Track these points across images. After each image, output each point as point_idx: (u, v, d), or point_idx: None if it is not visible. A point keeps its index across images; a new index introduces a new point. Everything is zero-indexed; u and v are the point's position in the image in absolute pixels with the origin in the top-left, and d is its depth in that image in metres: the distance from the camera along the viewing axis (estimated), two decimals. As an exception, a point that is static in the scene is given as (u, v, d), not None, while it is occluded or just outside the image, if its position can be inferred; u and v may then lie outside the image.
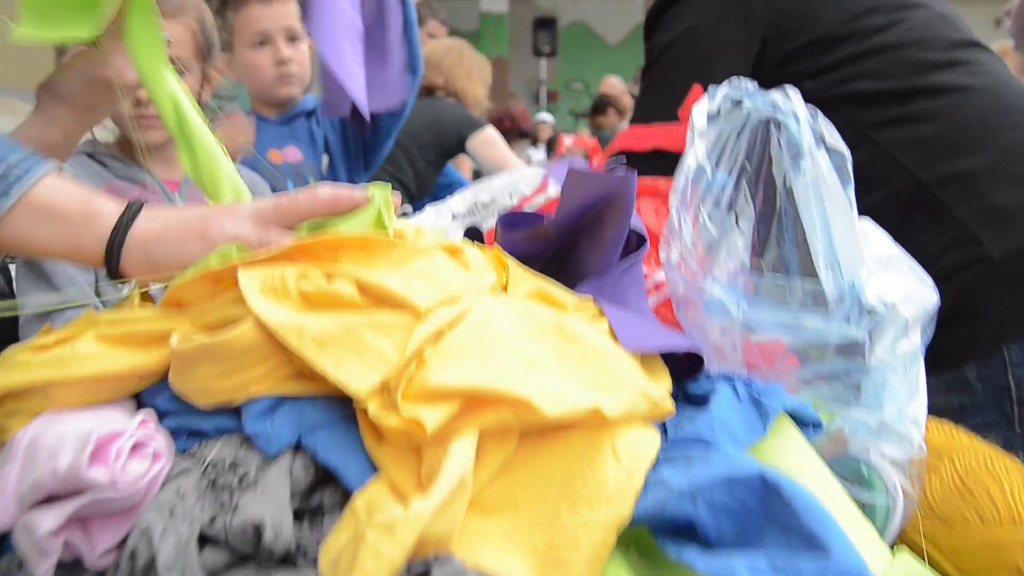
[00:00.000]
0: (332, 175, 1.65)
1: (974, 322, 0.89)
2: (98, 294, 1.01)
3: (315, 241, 0.48)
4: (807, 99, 0.63)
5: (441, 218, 0.92)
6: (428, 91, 2.41)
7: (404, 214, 1.00)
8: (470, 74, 2.49)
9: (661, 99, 1.05)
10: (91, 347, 0.45)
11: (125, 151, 1.11)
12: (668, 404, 0.45)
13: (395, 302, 0.44)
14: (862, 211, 0.62)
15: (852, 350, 0.50)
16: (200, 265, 0.48)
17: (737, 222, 0.60)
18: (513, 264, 0.55)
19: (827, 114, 0.63)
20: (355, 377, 0.41)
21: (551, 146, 6.10)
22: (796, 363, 0.52)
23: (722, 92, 0.62)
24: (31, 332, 0.96)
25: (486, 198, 0.90)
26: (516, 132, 5.17)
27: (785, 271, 0.60)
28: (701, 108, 0.59)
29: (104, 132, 1.12)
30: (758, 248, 0.62)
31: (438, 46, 2.58)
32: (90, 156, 1.08)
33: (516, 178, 0.91)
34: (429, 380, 0.40)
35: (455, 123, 2.39)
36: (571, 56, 13.39)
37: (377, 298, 0.45)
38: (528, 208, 0.84)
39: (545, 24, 11.95)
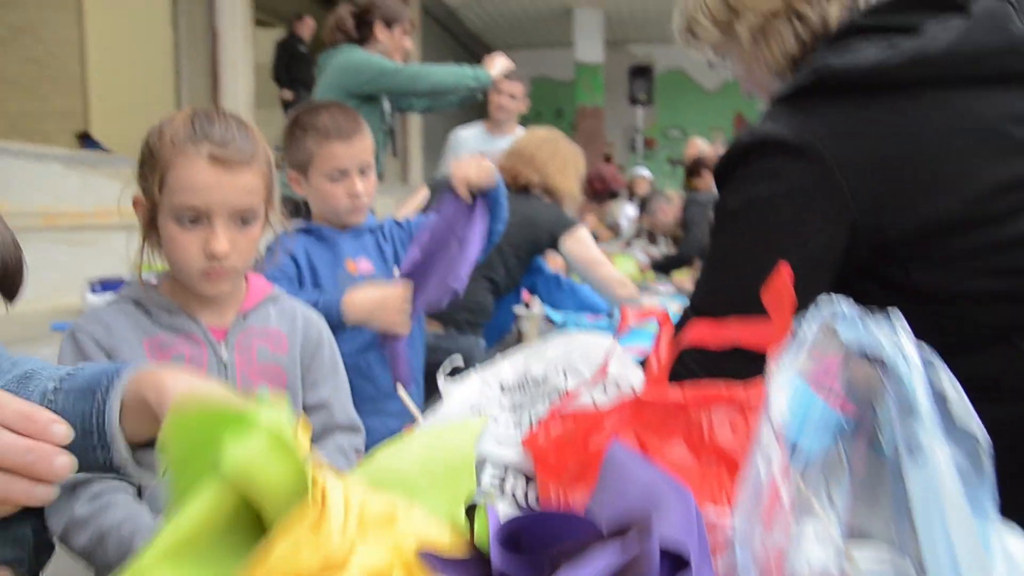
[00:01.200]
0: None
1: None
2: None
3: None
4: (918, 294, 0.50)
5: (488, 388, 0.82)
6: (524, 189, 2.38)
7: (455, 370, 0.91)
8: (564, 170, 2.44)
9: (727, 282, 0.91)
10: None
11: (173, 296, 1.06)
12: None
13: None
14: (987, 426, 0.47)
15: None
16: None
17: (829, 495, 0.47)
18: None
19: (945, 308, 0.49)
20: None
21: (644, 204, 5.95)
22: None
23: (812, 320, 0.49)
24: (56, 508, 0.92)
25: (538, 372, 0.79)
26: (608, 193, 5.04)
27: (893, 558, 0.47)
28: (780, 398, 0.46)
29: (149, 274, 1.08)
30: (857, 526, 0.48)
31: (532, 138, 2.52)
32: (136, 304, 1.04)
33: (574, 349, 0.80)
34: None
35: (549, 223, 2.37)
36: (668, 103, 13.25)
37: None
38: (584, 398, 0.72)
39: (641, 72, 11.88)
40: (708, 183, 4.40)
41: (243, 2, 5.78)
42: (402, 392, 0.92)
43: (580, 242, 2.39)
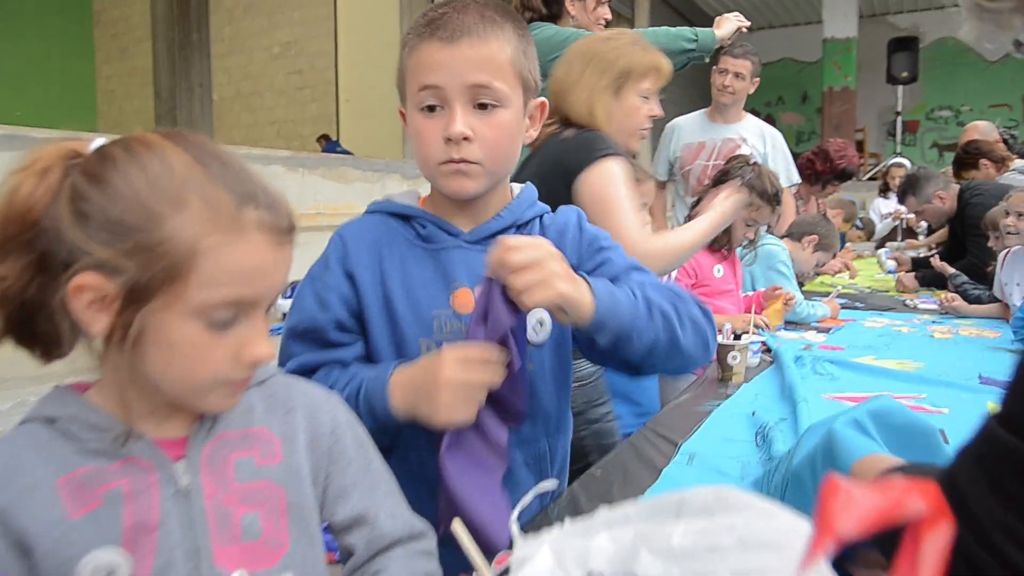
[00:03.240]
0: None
1: None
2: None
3: None
4: None
5: (572, 578, 0.45)
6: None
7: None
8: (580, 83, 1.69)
9: None
10: None
11: (106, 403, 0.68)
12: None
13: None
14: None
15: None
16: None
17: None
18: None
19: None
20: None
21: (911, 187, 4.97)
22: None
23: None
24: None
25: (652, 574, 0.41)
26: (834, 174, 4.12)
27: None
28: None
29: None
30: None
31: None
32: (49, 424, 0.66)
33: (722, 540, 0.40)
34: None
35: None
36: (936, 79, 11.51)
37: None
38: None
39: (903, 45, 10.40)
40: (990, 175, 3.52)
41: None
42: (459, 530, 0.58)
43: (599, 176, 1.53)
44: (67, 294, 0.61)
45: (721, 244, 2.37)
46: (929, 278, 3.38)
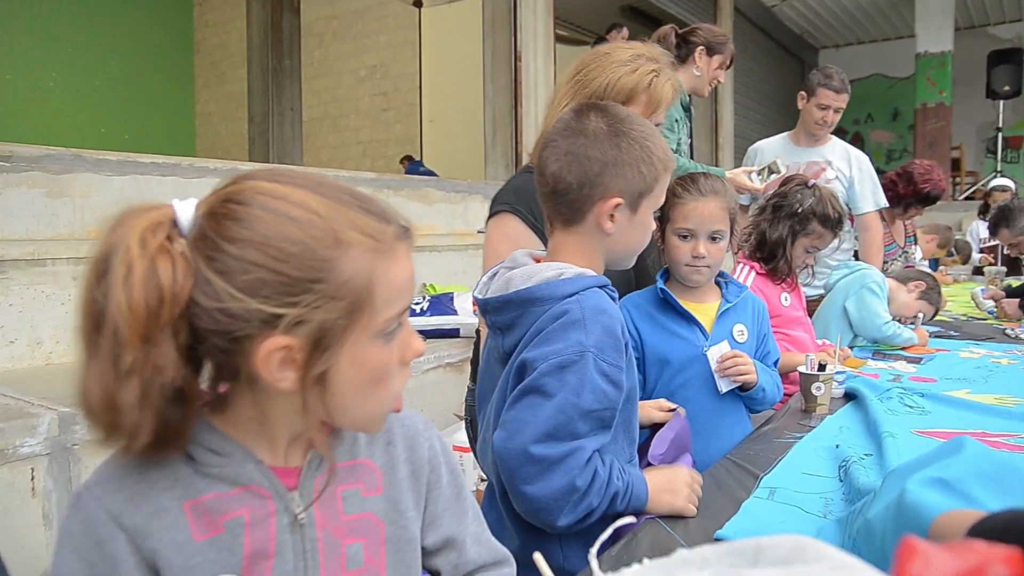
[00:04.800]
0: None
1: None
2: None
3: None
4: None
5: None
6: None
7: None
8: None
9: None
10: None
11: (224, 425, 0.70)
12: None
13: None
14: None
15: None
16: None
17: None
18: None
19: None
20: None
21: (1003, 219, 4.76)
22: None
23: None
24: None
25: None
26: (916, 198, 3.91)
27: None
28: None
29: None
30: None
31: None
32: None
33: None
34: None
35: None
36: (1042, 93, 10.88)
37: None
38: None
39: (1005, 57, 9.91)
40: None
41: (544, 23, 5.81)
42: (539, 561, 0.61)
43: (488, 231, 1.62)
44: (257, 362, 0.61)
45: (783, 273, 2.24)
46: (1027, 304, 3.21)
